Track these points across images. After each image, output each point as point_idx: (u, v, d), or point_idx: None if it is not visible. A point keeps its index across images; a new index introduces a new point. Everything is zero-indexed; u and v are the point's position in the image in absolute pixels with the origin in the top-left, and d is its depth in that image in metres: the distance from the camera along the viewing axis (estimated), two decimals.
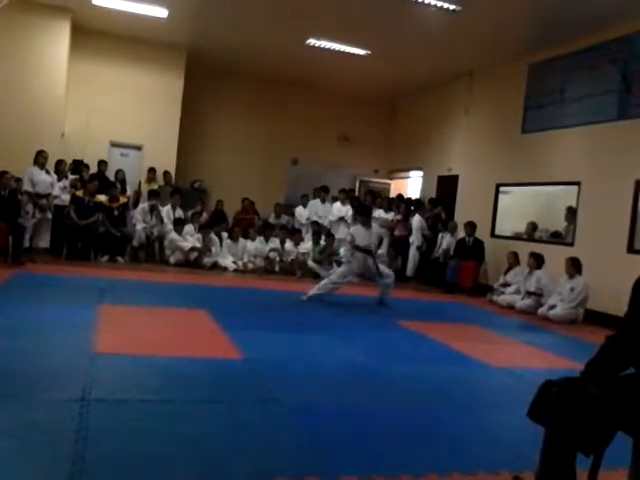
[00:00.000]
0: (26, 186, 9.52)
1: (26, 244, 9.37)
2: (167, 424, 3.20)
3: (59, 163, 10.47)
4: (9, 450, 2.67)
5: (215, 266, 10.69)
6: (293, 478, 2.68)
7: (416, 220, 11.88)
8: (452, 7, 8.88)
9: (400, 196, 13.44)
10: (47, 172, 9.76)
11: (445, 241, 11.46)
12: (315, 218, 12.39)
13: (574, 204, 9.55)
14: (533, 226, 10.49)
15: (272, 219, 12.82)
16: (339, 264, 11.21)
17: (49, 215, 9.80)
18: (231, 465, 2.76)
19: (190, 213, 11.46)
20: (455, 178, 12.61)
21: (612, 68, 9.05)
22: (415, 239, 11.83)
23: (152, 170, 12.12)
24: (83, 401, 3.35)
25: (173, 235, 10.62)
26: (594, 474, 2.42)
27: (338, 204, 12.70)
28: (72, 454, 2.67)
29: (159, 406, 3.47)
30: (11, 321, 5.13)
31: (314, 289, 8.13)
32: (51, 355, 4.24)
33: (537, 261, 9.26)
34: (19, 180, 9.60)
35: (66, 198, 10.25)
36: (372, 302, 8.43)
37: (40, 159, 9.61)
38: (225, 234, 11.32)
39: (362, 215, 8.56)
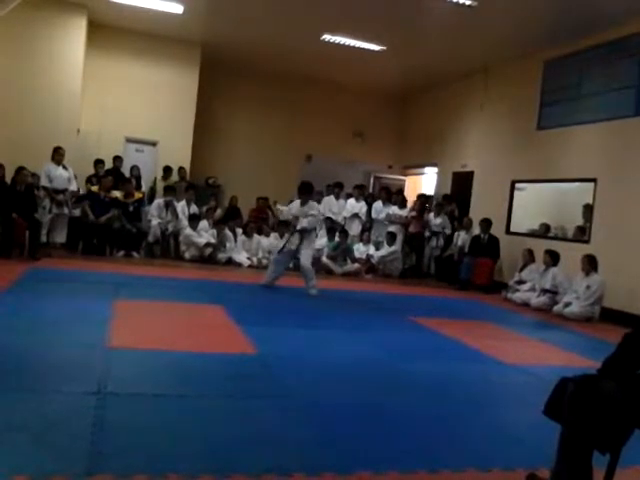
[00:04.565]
0: (43, 182, 9.62)
1: (43, 239, 9.45)
2: (182, 418, 3.22)
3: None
4: (26, 443, 2.69)
5: (229, 262, 10.73)
6: (308, 474, 2.68)
7: (443, 219, 11.87)
8: (468, 2, 8.82)
9: (421, 195, 13.30)
10: (64, 168, 9.83)
11: (460, 238, 11.42)
12: (329, 214, 12.38)
13: (590, 201, 9.47)
14: (548, 224, 10.44)
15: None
16: (353, 260, 11.26)
17: (66, 210, 9.88)
18: (246, 460, 2.76)
19: (204, 209, 11.50)
20: (470, 174, 12.55)
21: (629, 64, 8.95)
22: (437, 238, 11.85)
23: (168, 169, 12.17)
24: (99, 395, 3.38)
25: (188, 231, 10.66)
26: (611, 472, 2.40)
27: (352, 200, 12.69)
28: (89, 447, 2.69)
29: (174, 400, 3.49)
30: (28, 315, 5.18)
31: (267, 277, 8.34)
32: (67, 349, 4.27)
33: (553, 258, 9.19)
34: (35, 175, 9.68)
35: None
36: (381, 299, 8.39)
37: (57, 155, 9.70)
38: (239, 230, 11.35)
39: (305, 194, 8.33)
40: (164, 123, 12.44)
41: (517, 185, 11.20)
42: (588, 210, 9.54)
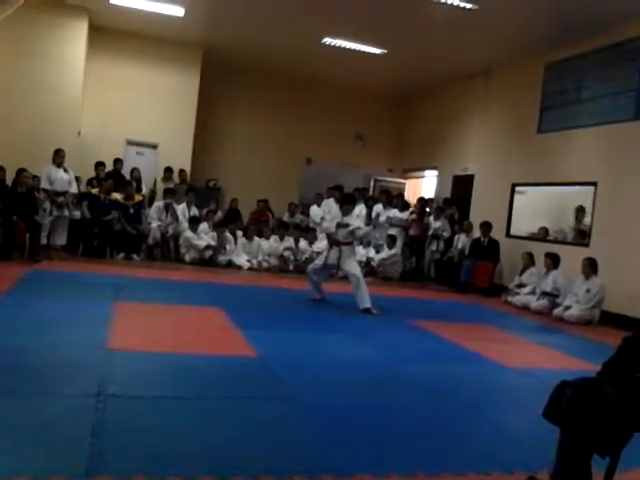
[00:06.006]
0: (44, 184, 9.61)
1: (43, 241, 9.45)
2: (182, 420, 3.22)
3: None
4: (26, 444, 2.69)
5: (230, 264, 10.73)
6: (308, 476, 2.68)
7: (443, 222, 11.88)
8: (468, 5, 8.84)
9: (421, 198, 13.33)
10: (65, 170, 9.84)
11: (460, 241, 11.43)
12: (328, 217, 12.32)
13: (589, 204, 9.48)
14: (546, 228, 10.46)
15: (286, 218, 12.83)
16: None
17: (66, 212, 9.88)
18: (245, 462, 2.76)
19: (205, 211, 11.51)
20: (471, 178, 12.55)
21: (630, 67, 8.96)
22: (437, 241, 11.86)
23: (169, 170, 12.20)
24: (99, 396, 3.38)
25: (188, 233, 10.67)
26: (610, 475, 2.40)
27: None
28: (89, 448, 2.69)
29: (174, 402, 3.49)
30: (28, 317, 5.18)
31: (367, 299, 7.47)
32: (67, 351, 4.27)
33: (553, 261, 9.20)
34: (36, 178, 9.69)
35: None
36: (381, 302, 8.37)
37: (57, 158, 9.70)
38: (240, 232, 11.35)
39: (347, 204, 8.33)
40: (165, 126, 12.46)
41: (517, 188, 11.21)
42: (581, 212, 9.60)
